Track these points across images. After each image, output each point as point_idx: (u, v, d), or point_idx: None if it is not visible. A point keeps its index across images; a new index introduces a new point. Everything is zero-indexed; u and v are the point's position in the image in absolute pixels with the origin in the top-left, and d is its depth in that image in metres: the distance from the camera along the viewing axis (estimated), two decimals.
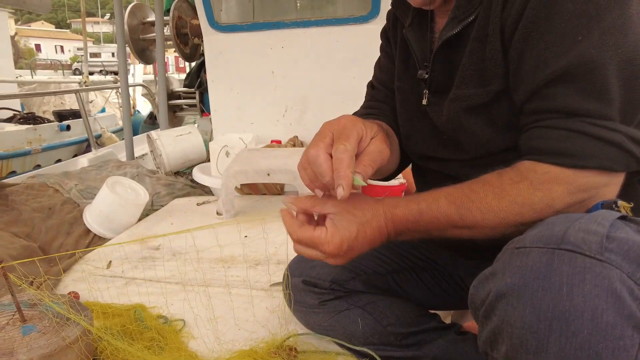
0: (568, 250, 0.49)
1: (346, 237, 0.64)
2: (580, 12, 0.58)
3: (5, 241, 1.66)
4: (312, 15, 2.80)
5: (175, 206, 2.29)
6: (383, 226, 0.66)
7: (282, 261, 1.52)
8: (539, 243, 0.52)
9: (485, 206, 0.62)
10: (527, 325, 0.49)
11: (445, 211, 0.64)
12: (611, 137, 0.58)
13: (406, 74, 0.86)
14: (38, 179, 2.43)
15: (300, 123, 2.80)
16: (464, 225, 0.64)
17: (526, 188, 0.61)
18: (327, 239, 0.64)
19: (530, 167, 0.62)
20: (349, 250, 0.65)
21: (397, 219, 0.66)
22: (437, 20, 0.80)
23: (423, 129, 0.84)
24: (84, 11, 8.29)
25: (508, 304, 0.51)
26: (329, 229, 0.65)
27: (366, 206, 0.66)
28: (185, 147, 2.89)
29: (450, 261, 0.95)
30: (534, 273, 0.50)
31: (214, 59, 2.82)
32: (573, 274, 0.47)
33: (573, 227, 0.51)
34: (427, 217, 0.65)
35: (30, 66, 12.80)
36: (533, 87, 0.62)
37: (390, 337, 0.93)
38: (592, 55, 0.57)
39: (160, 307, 1.23)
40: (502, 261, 0.55)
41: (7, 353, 0.75)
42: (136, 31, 3.81)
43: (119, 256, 1.62)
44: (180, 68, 12.98)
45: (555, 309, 0.47)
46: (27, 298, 0.92)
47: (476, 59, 0.70)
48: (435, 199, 0.65)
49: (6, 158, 5.09)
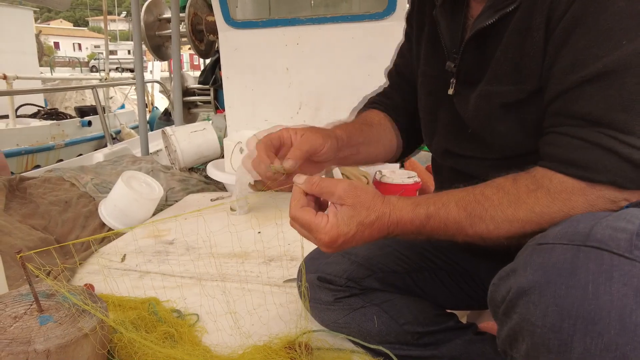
0: (594, 248, 0.47)
1: (343, 233, 0.63)
2: (634, 13, 0.54)
3: (24, 233, 1.69)
4: (328, 12, 2.78)
5: (189, 202, 2.30)
6: (384, 228, 0.65)
7: (296, 257, 1.52)
8: (563, 239, 0.50)
9: (500, 215, 0.59)
10: (550, 323, 0.47)
11: (455, 218, 0.62)
12: (628, 154, 0.54)
13: (434, 58, 0.83)
14: (55, 173, 2.47)
15: (314, 120, 2.79)
16: (474, 234, 0.61)
17: (544, 197, 0.58)
18: (324, 229, 0.63)
19: (545, 174, 0.59)
20: (343, 244, 0.65)
21: (402, 222, 0.64)
22: (472, 5, 0.75)
23: (446, 119, 0.81)
24: (105, 10, 8.43)
25: (529, 302, 0.49)
26: (329, 220, 0.64)
27: (373, 205, 0.64)
28: (200, 143, 2.90)
29: (470, 261, 0.93)
30: (557, 270, 0.48)
31: (229, 55, 2.83)
32: (600, 272, 0.46)
33: (600, 224, 0.49)
34: (434, 222, 0.63)
35: (50, 64, 13.08)
36: (562, 87, 0.59)
37: (407, 336, 0.91)
38: (630, 63, 0.53)
39: (174, 301, 1.23)
40: (523, 257, 0.53)
41: (25, 342, 0.75)
42: (152, 27, 3.84)
43: (133, 250, 1.63)
44: (195, 66, 13.07)
45: (580, 308, 0.45)
46: (45, 288, 0.93)
47: (513, 54, 0.66)
48: (444, 203, 0.63)
49: (31, 152, 5.22)
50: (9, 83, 5.07)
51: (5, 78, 5.04)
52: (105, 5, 8.40)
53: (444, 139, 0.83)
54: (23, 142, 5.21)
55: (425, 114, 0.87)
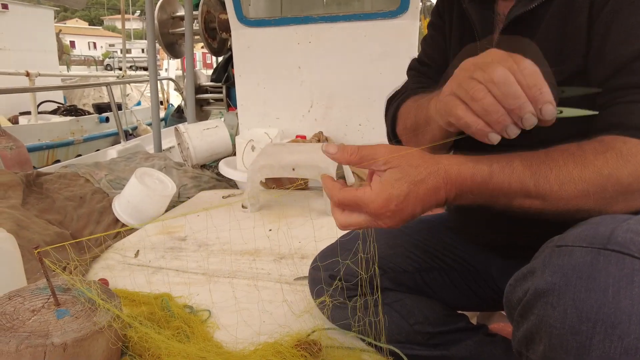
0: (615, 251, 0.47)
1: (394, 196, 0.57)
2: None
3: (40, 227, 1.72)
4: (340, 10, 2.78)
5: (201, 198, 2.32)
6: (441, 186, 0.58)
7: (306, 255, 1.52)
8: (583, 242, 0.49)
9: (565, 175, 0.56)
10: (569, 325, 0.47)
11: (520, 176, 0.57)
12: None
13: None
14: (70, 169, 2.51)
15: (325, 118, 2.79)
16: (537, 194, 0.57)
17: (614, 159, 0.55)
18: (371, 197, 0.57)
19: (617, 139, 0.57)
20: (398, 211, 0.57)
21: (461, 178, 0.58)
22: (499, 3, 0.78)
23: None
24: (123, 10, 8.55)
25: (548, 303, 0.49)
26: (373, 186, 0.58)
27: (422, 163, 0.58)
28: (212, 140, 2.92)
29: (483, 261, 0.92)
30: (577, 272, 0.47)
31: (242, 53, 2.84)
32: (620, 276, 0.45)
33: (621, 227, 0.49)
34: (497, 179, 0.58)
35: (66, 62, 13.34)
36: (619, 62, 0.60)
37: (417, 336, 0.91)
38: None
39: (187, 297, 1.25)
40: (541, 259, 0.53)
41: (43, 335, 0.77)
42: (165, 25, 3.88)
43: (147, 246, 1.65)
44: (208, 64, 13.16)
45: (599, 311, 0.45)
46: (61, 283, 0.95)
47: (554, 36, 0.67)
48: (509, 161, 0.59)
49: (52, 148, 5.36)
50: (32, 80, 5.19)
51: (28, 75, 5.15)
52: (123, 5, 8.53)
53: None
54: (44, 138, 5.35)
55: None
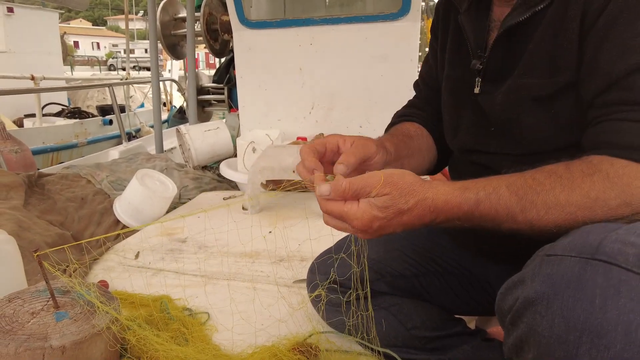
0: (603, 261, 0.47)
1: (379, 218, 0.60)
2: None
3: (42, 229, 1.73)
4: (342, 12, 2.78)
5: (202, 200, 2.32)
6: (426, 214, 0.60)
7: (306, 258, 1.53)
8: (572, 252, 0.50)
9: (551, 199, 0.56)
10: (556, 334, 0.47)
11: (506, 203, 0.58)
12: None
13: (458, 61, 0.85)
14: (72, 170, 2.52)
15: (326, 120, 2.79)
16: (524, 219, 0.58)
17: (601, 181, 0.55)
18: (356, 215, 0.60)
19: (604, 160, 0.57)
20: (379, 229, 0.61)
21: (448, 207, 0.60)
22: (494, 9, 0.78)
23: (469, 119, 0.82)
24: (127, 10, 8.58)
25: (536, 312, 0.49)
26: (361, 205, 0.60)
27: (411, 192, 0.60)
28: (213, 142, 2.93)
29: (480, 266, 0.92)
30: (565, 282, 0.48)
31: (243, 55, 2.85)
32: (607, 286, 0.46)
33: (609, 237, 0.49)
34: (484, 207, 0.59)
35: (70, 63, 13.37)
36: (612, 78, 0.59)
37: (415, 340, 0.91)
38: None
39: (186, 299, 1.25)
40: (531, 268, 0.53)
41: (42, 338, 0.78)
42: (168, 27, 3.89)
43: (147, 247, 1.66)
44: (211, 64, 13.17)
45: (586, 321, 0.45)
46: (61, 285, 0.96)
47: (547, 47, 0.67)
48: (495, 188, 0.59)
49: (56, 150, 5.34)
50: (37, 83, 5.19)
51: (33, 79, 5.15)
52: (127, 5, 8.56)
53: (467, 135, 0.83)
54: (49, 140, 5.33)
55: (448, 113, 0.88)
